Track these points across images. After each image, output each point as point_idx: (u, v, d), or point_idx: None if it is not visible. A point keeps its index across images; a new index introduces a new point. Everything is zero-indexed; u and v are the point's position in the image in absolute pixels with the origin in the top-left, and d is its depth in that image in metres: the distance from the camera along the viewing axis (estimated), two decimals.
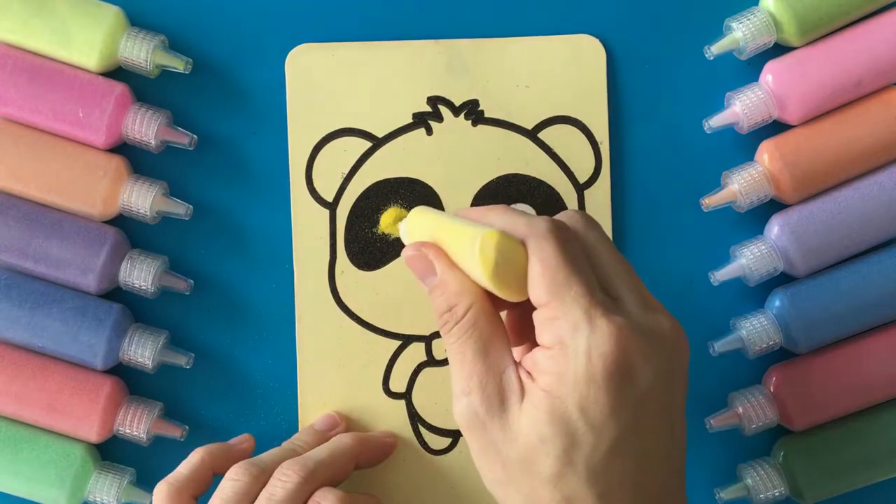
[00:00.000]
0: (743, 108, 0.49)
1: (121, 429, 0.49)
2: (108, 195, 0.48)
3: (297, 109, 0.50)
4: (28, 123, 0.48)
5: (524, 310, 0.40)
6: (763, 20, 0.48)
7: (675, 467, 0.39)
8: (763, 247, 0.49)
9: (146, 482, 0.50)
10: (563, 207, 0.50)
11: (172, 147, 0.50)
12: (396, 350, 0.50)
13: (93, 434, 0.48)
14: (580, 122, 0.50)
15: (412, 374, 0.50)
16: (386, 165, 0.50)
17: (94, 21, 0.48)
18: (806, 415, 0.49)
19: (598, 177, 0.50)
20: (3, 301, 0.48)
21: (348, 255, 0.50)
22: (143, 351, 0.48)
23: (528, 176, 0.50)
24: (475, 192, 0.50)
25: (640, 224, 0.51)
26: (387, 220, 0.50)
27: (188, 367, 0.49)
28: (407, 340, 0.50)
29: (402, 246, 0.49)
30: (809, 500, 0.49)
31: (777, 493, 0.49)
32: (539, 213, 0.48)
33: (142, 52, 0.48)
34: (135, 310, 0.50)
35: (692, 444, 0.51)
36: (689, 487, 0.51)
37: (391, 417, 0.50)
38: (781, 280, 0.50)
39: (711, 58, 0.50)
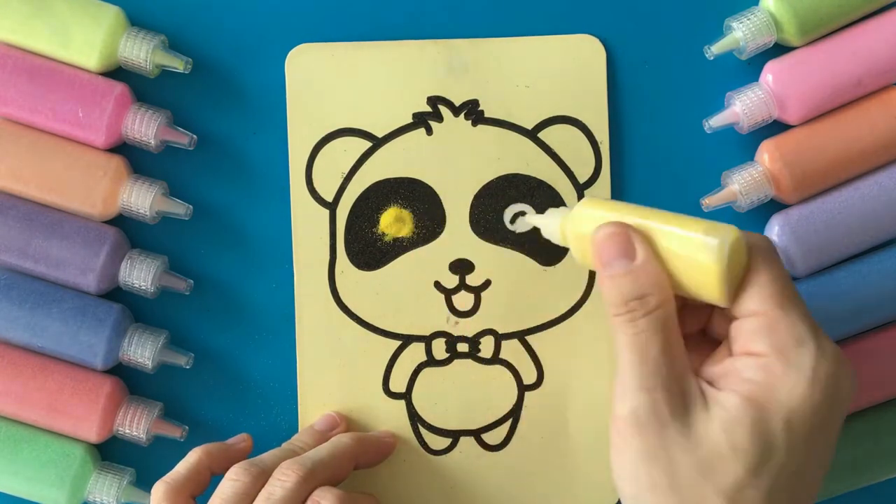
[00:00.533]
0: (743, 108, 0.49)
1: (121, 429, 0.49)
2: (108, 195, 0.48)
3: (297, 109, 0.50)
4: (28, 123, 0.48)
5: (693, 320, 0.41)
6: (763, 20, 0.48)
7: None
8: None
9: (146, 482, 0.50)
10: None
11: (172, 147, 0.50)
12: (396, 350, 0.50)
13: (93, 434, 0.48)
14: (580, 121, 0.50)
15: (412, 375, 0.50)
16: (386, 165, 0.50)
17: (94, 21, 0.48)
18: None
19: (598, 177, 0.50)
20: (3, 301, 0.48)
21: (348, 255, 0.50)
22: (143, 351, 0.48)
23: (529, 176, 0.50)
24: (475, 192, 0.50)
25: None
26: (387, 220, 0.50)
27: (188, 367, 0.49)
28: (407, 340, 0.50)
29: (402, 247, 0.49)
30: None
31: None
32: (540, 211, 0.49)
33: (142, 52, 0.48)
34: (135, 310, 0.50)
35: None
36: None
37: (391, 418, 0.50)
38: None
39: (711, 58, 0.50)
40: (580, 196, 0.50)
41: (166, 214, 0.49)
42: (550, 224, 0.44)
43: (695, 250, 0.37)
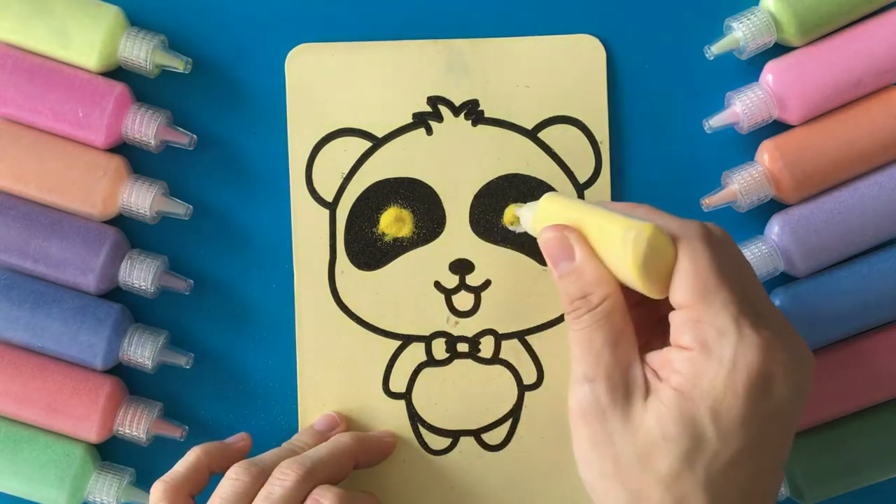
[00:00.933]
0: (743, 108, 0.49)
1: (121, 429, 0.48)
2: (107, 195, 0.48)
3: (297, 109, 0.50)
4: (28, 123, 0.48)
5: (648, 310, 0.41)
6: (763, 20, 0.48)
7: (775, 490, 0.39)
8: (763, 247, 0.49)
9: (146, 482, 0.50)
10: None
11: (172, 147, 0.50)
12: (396, 350, 0.50)
13: (93, 434, 0.48)
14: (580, 121, 0.50)
15: (412, 375, 0.50)
16: (386, 165, 0.50)
17: (94, 21, 0.48)
18: (806, 415, 0.48)
19: (598, 176, 0.50)
20: (3, 301, 0.48)
21: (348, 255, 0.50)
22: (143, 351, 0.48)
23: (529, 176, 0.50)
24: (475, 192, 0.50)
25: None
26: (387, 220, 0.50)
27: (188, 367, 0.49)
28: (407, 340, 0.50)
29: (402, 247, 0.49)
30: (810, 501, 0.49)
31: (777, 494, 0.48)
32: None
33: (142, 52, 0.48)
34: (135, 310, 0.50)
35: None
36: None
37: (391, 418, 0.50)
38: (781, 280, 0.50)
39: (711, 58, 0.50)
40: (580, 196, 0.50)
41: (166, 214, 0.49)
42: (525, 216, 0.46)
43: (618, 245, 0.39)
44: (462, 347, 0.50)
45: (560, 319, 0.50)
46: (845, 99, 0.48)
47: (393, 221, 0.50)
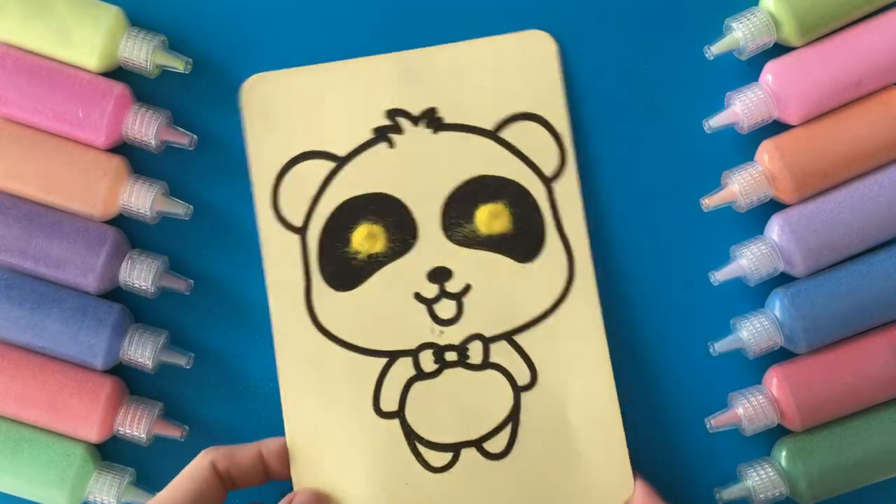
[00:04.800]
0: (743, 108, 0.49)
1: (121, 429, 0.49)
2: (108, 195, 0.48)
3: (257, 138, 0.50)
4: (28, 123, 0.48)
5: None
6: (763, 20, 0.48)
7: None
8: (763, 247, 0.49)
9: (146, 482, 0.50)
10: (534, 204, 0.49)
11: (172, 147, 0.50)
12: (384, 368, 0.49)
13: (93, 434, 0.48)
14: (539, 116, 0.50)
15: (403, 391, 0.49)
16: (352, 184, 0.49)
17: (94, 21, 0.48)
18: (806, 415, 0.48)
19: (563, 168, 0.50)
20: (3, 301, 0.48)
21: (324, 277, 0.49)
22: (143, 351, 0.48)
23: (496, 176, 0.49)
24: (444, 199, 0.49)
25: (641, 224, 0.51)
26: (359, 238, 0.49)
27: (188, 367, 0.49)
28: (393, 357, 0.49)
29: (378, 262, 0.49)
30: (810, 501, 0.49)
31: (777, 494, 0.49)
32: (511, 209, 0.49)
33: (142, 52, 0.48)
34: (135, 310, 0.50)
35: (693, 444, 0.51)
36: (690, 487, 0.51)
37: (385, 439, 0.48)
38: (781, 280, 0.50)
39: (711, 58, 0.50)
40: (549, 189, 0.50)
41: (166, 214, 0.49)
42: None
43: None
44: (450, 356, 0.49)
45: (545, 315, 0.49)
46: (845, 99, 0.48)
47: (365, 238, 0.49)
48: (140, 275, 0.48)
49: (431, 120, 0.49)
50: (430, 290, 0.49)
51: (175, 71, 0.49)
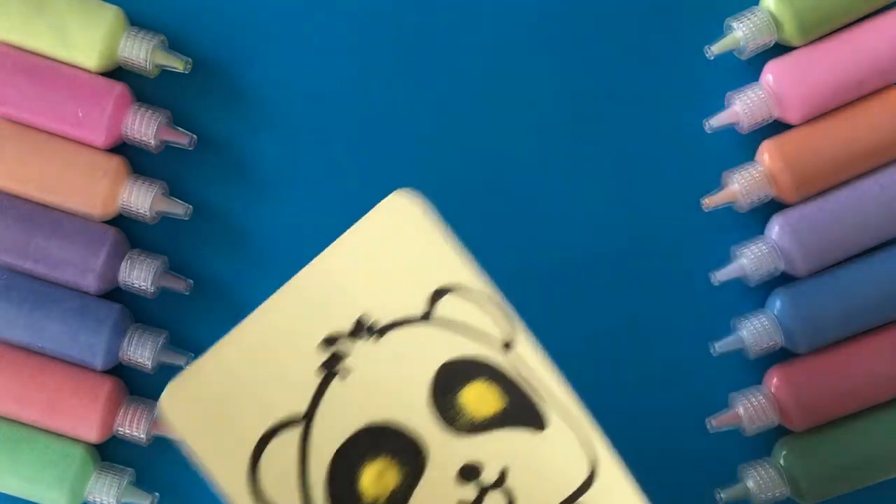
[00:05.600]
0: (743, 108, 0.49)
1: (121, 429, 0.49)
2: (107, 195, 0.48)
3: (208, 449, 0.41)
4: (28, 123, 0.48)
5: None
6: (763, 20, 0.48)
7: None
8: (763, 247, 0.49)
9: (146, 482, 0.50)
10: (506, 374, 0.43)
11: (172, 147, 0.50)
12: None
13: (93, 434, 0.48)
14: (453, 285, 0.43)
15: None
16: (330, 436, 0.42)
17: (94, 21, 0.48)
18: (807, 415, 0.48)
19: (514, 330, 0.43)
20: (3, 301, 0.48)
21: None
22: (143, 351, 0.48)
23: (461, 359, 0.43)
24: (427, 397, 0.43)
25: (640, 224, 0.51)
26: (369, 483, 0.42)
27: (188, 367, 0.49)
28: None
29: (402, 496, 0.42)
30: (811, 501, 0.49)
31: (778, 494, 0.48)
32: (494, 382, 0.43)
33: (142, 52, 0.48)
34: (135, 310, 0.50)
35: (693, 444, 0.51)
36: (690, 487, 0.51)
37: None
38: (781, 280, 0.50)
39: (711, 58, 0.50)
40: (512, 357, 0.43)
41: (166, 214, 0.49)
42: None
43: None
44: None
45: (592, 475, 0.43)
46: (846, 99, 0.48)
47: (376, 480, 0.42)
48: (140, 275, 0.48)
49: (366, 330, 0.43)
50: (470, 492, 0.42)
51: (175, 71, 0.49)
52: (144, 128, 0.48)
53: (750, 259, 0.49)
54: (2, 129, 0.48)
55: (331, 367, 0.42)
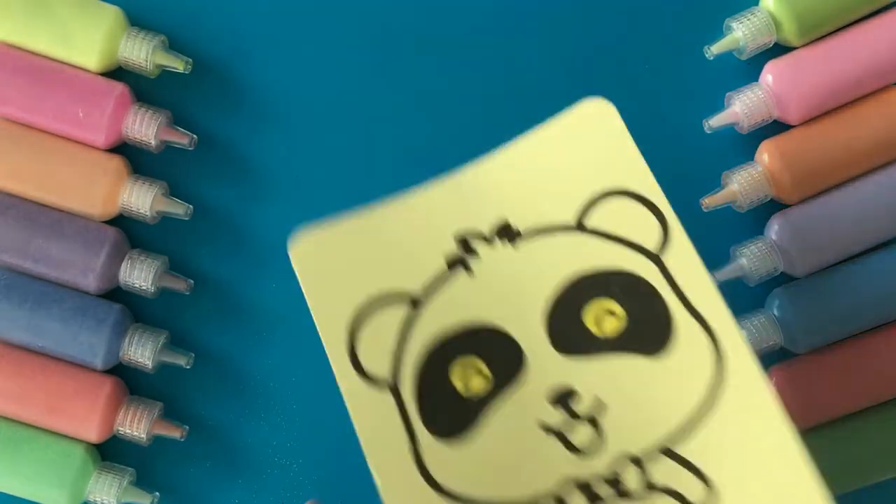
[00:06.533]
0: (743, 108, 0.49)
1: (121, 429, 0.49)
2: (108, 195, 0.48)
3: (319, 298, 0.42)
4: (28, 123, 0.48)
5: None
6: (763, 20, 0.48)
7: None
8: (763, 247, 0.49)
9: (146, 482, 0.50)
10: (648, 286, 0.42)
11: (172, 147, 0.50)
12: None
13: (93, 434, 0.48)
14: (624, 189, 0.43)
15: None
16: (437, 322, 0.42)
17: (94, 21, 0.48)
18: (806, 415, 0.49)
19: (669, 236, 0.42)
20: (3, 301, 0.48)
21: (430, 430, 0.41)
22: (143, 351, 0.48)
23: (594, 270, 0.42)
24: (545, 311, 0.42)
25: None
26: (459, 379, 0.42)
27: (188, 367, 0.49)
28: None
29: (488, 400, 0.42)
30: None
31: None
32: (623, 300, 0.42)
33: (142, 52, 0.48)
34: (135, 310, 0.50)
35: None
36: None
37: None
38: (781, 280, 0.50)
39: (711, 58, 0.50)
40: (661, 265, 0.42)
41: (166, 214, 0.49)
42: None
43: None
44: (603, 490, 0.40)
45: (702, 410, 0.40)
46: (845, 99, 0.49)
47: (467, 377, 0.42)
48: (140, 275, 0.48)
49: (507, 234, 0.43)
50: (557, 417, 0.41)
51: (175, 71, 0.49)
52: (145, 128, 0.48)
53: (749, 259, 0.49)
54: (2, 129, 0.48)
55: (460, 261, 0.42)
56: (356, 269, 0.43)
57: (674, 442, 0.40)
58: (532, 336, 0.42)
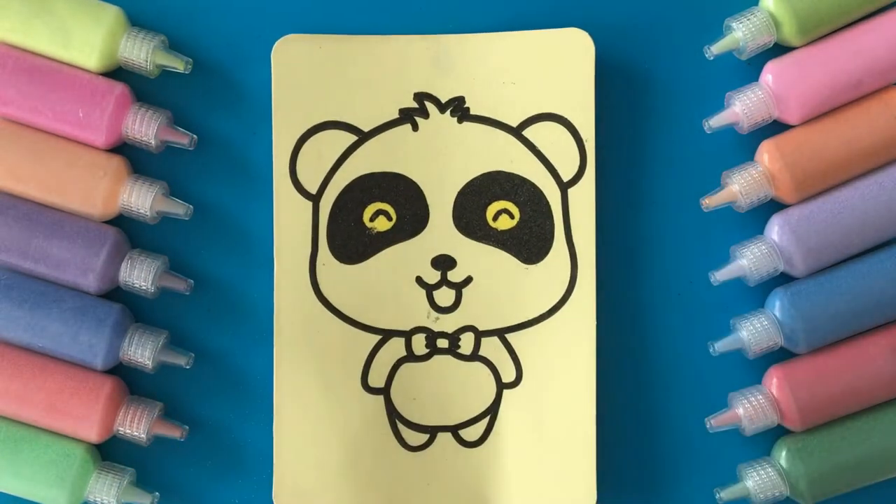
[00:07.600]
0: (743, 108, 0.49)
1: (121, 429, 0.49)
2: (108, 195, 0.48)
3: (283, 100, 0.49)
4: (28, 123, 0.48)
5: None
6: (763, 20, 0.48)
7: None
8: (763, 247, 0.49)
9: (146, 482, 0.50)
10: (546, 207, 0.49)
11: (172, 147, 0.50)
12: (376, 345, 0.50)
13: (93, 434, 0.48)
14: (565, 119, 0.49)
15: (391, 370, 0.50)
16: (371, 159, 0.50)
17: (94, 21, 0.48)
18: (806, 415, 0.48)
19: (582, 175, 0.49)
20: (3, 301, 0.48)
21: (330, 248, 0.49)
22: (143, 351, 0.48)
23: (512, 174, 0.49)
24: (459, 189, 0.50)
25: (640, 224, 0.51)
26: (370, 214, 0.49)
27: (188, 367, 0.49)
28: (387, 335, 0.50)
29: (385, 241, 0.50)
30: (810, 501, 0.49)
31: (777, 494, 0.48)
32: (523, 209, 0.49)
33: (142, 52, 0.48)
34: (135, 310, 0.50)
35: (693, 444, 0.51)
36: (690, 487, 0.51)
37: (369, 412, 0.49)
38: (781, 280, 0.50)
39: (711, 58, 0.50)
40: (563, 194, 0.49)
41: (166, 214, 0.49)
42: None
43: None
44: (442, 343, 0.50)
45: (541, 318, 0.50)
46: (845, 99, 0.48)
47: (377, 215, 0.49)
48: (140, 275, 0.48)
49: (458, 108, 0.49)
50: (433, 276, 0.50)
51: (175, 71, 0.49)
52: (145, 128, 0.48)
53: (749, 259, 0.49)
54: (2, 129, 0.48)
55: (410, 116, 0.49)
56: (322, 91, 0.49)
57: (510, 332, 0.50)
58: (441, 204, 0.50)
